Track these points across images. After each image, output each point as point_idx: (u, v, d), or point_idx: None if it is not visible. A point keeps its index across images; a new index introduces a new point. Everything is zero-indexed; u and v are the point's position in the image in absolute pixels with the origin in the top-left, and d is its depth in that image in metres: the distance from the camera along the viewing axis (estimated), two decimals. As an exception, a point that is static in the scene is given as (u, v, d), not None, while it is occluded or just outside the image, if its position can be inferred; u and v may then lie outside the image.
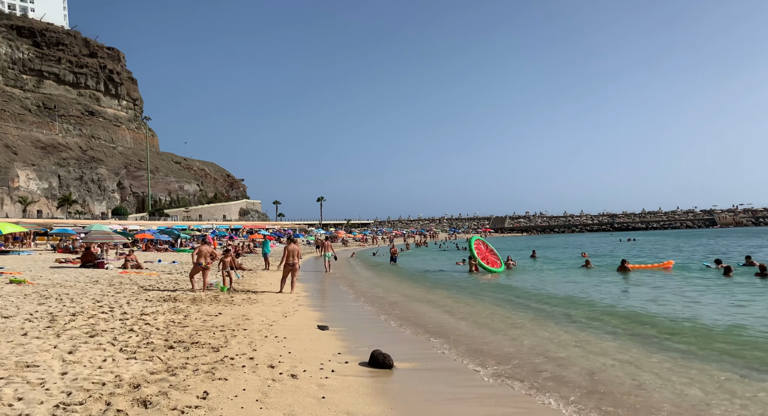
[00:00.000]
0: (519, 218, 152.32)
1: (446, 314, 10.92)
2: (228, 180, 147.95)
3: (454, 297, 14.02)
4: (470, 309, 11.53)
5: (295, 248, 14.52)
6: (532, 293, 14.47)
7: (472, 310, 11.41)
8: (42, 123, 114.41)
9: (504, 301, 13.01)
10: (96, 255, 22.08)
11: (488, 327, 9.18)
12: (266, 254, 24.08)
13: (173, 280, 16.38)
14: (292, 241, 15.56)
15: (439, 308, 11.89)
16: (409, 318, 10.27)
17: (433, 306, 12.13)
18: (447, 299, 13.72)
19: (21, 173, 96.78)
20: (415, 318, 10.28)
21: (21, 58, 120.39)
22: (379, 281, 19.95)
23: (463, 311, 11.29)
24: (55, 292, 11.68)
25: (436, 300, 13.39)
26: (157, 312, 9.45)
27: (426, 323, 9.70)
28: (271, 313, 10.13)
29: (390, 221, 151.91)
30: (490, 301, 13.02)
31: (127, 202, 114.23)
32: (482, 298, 13.72)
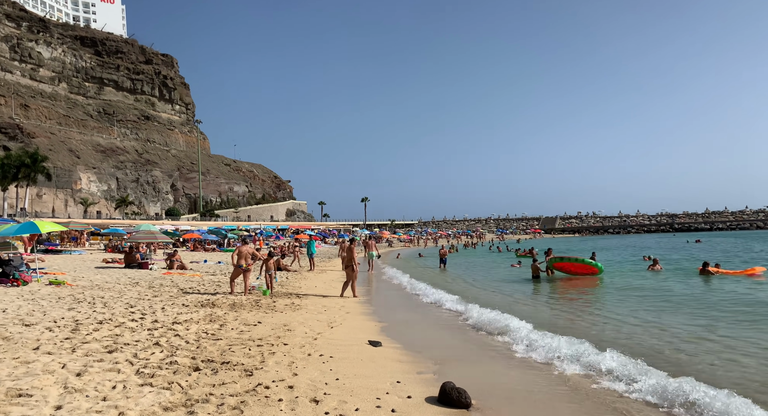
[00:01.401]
0: (570, 219, 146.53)
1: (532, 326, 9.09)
2: (275, 181, 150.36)
3: (531, 304, 12.30)
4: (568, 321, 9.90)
5: (353, 250, 13.33)
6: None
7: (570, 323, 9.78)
8: (102, 128, 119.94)
9: (587, 303, 11.36)
10: (143, 255, 21.89)
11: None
12: (312, 254, 23.26)
13: (215, 282, 15.66)
14: (352, 241, 14.27)
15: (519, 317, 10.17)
16: (473, 335, 8.87)
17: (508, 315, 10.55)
18: (523, 305, 12.12)
19: (83, 175, 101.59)
20: (486, 333, 8.86)
21: (84, 67, 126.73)
22: (432, 284, 18.58)
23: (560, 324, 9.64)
24: (90, 295, 11.05)
25: (518, 308, 11.70)
26: (190, 320, 8.51)
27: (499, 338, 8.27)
28: (315, 322, 9.01)
29: (434, 221, 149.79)
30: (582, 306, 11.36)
31: (179, 203, 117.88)
32: (569, 305, 12.02)
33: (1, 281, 11.53)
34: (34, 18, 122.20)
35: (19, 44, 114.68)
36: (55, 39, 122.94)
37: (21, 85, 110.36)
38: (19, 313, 8.24)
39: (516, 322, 8.67)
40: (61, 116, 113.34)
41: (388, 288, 16.84)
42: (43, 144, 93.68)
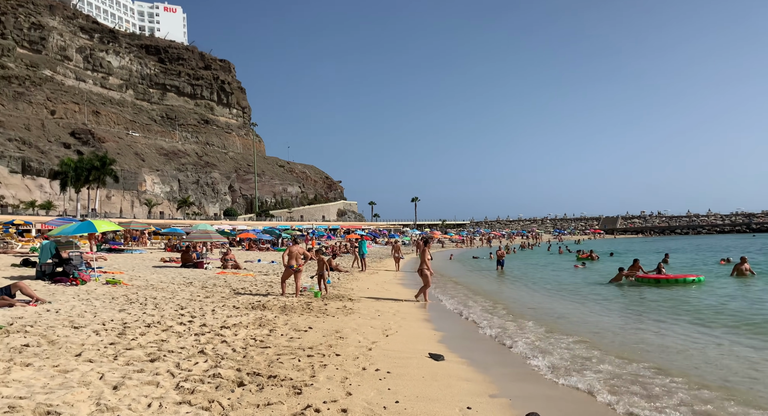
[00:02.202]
0: (633, 219, 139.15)
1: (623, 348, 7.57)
2: (327, 182, 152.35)
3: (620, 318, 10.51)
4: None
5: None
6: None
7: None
8: (165, 132, 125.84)
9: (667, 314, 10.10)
10: (200, 255, 22.18)
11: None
12: (363, 254, 22.77)
13: (267, 282, 15.43)
14: (426, 242, 13.22)
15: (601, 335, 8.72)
16: (552, 347, 7.93)
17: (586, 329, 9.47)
18: (597, 315, 11.05)
19: (147, 177, 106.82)
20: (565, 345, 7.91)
21: (149, 74, 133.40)
22: (492, 288, 17.60)
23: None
24: (143, 295, 10.97)
25: (591, 320, 10.38)
26: (239, 324, 8.10)
27: (585, 354, 7.32)
28: (369, 329, 8.38)
29: (487, 221, 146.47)
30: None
31: (237, 204, 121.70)
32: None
33: (60, 280, 11.73)
34: (104, 29, 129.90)
35: (92, 55, 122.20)
36: (123, 48, 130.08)
37: (93, 93, 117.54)
38: (71, 314, 8.12)
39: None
40: (128, 121, 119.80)
41: (444, 295, 16.01)
42: (111, 148, 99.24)
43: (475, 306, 12.30)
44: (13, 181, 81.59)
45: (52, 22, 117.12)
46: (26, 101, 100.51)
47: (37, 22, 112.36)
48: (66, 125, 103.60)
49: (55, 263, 12.19)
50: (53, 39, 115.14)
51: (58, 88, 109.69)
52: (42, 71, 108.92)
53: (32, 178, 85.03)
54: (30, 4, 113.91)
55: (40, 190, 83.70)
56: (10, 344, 5.85)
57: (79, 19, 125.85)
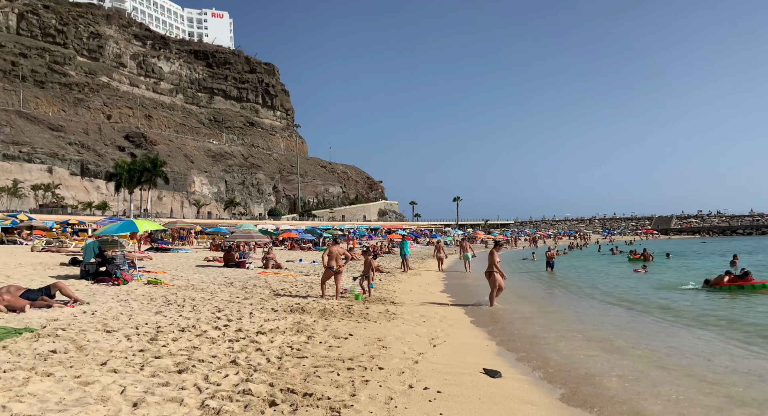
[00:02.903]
0: (689, 218, 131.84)
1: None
2: (368, 182, 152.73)
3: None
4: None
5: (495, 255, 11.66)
6: None
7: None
8: (212, 134, 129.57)
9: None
10: (242, 254, 22.17)
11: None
12: (405, 255, 22.07)
13: (308, 283, 15.04)
14: (496, 245, 12.35)
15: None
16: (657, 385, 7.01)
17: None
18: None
19: (196, 179, 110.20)
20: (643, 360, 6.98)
21: (197, 79, 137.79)
22: (543, 291, 16.58)
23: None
24: (182, 296, 10.74)
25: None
26: (276, 329, 7.62)
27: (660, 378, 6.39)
28: (414, 337, 7.72)
29: (532, 221, 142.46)
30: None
31: (280, 204, 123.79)
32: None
33: (103, 280, 11.71)
34: (156, 36, 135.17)
35: (144, 61, 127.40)
36: (173, 54, 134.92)
37: (145, 97, 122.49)
38: (107, 317, 7.88)
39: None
40: (178, 124, 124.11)
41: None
42: (162, 151, 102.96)
43: (529, 311, 11.39)
44: (73, 182, 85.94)
45: (109, 31, 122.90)
46: (85, 107, 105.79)
47: (95, 32, 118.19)
48: (121, 129, 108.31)
49: (99, 263, 12.23)
50: (110, 47, 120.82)
51: (114, 93, 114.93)
52: (99, 78, 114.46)
53: (90, 180, 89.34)
54: (89, 14, 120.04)
55: (97, 191, 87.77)
56: (37, 349, 5.56)
57: (133, 27, 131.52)
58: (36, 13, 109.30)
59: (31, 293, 8.30)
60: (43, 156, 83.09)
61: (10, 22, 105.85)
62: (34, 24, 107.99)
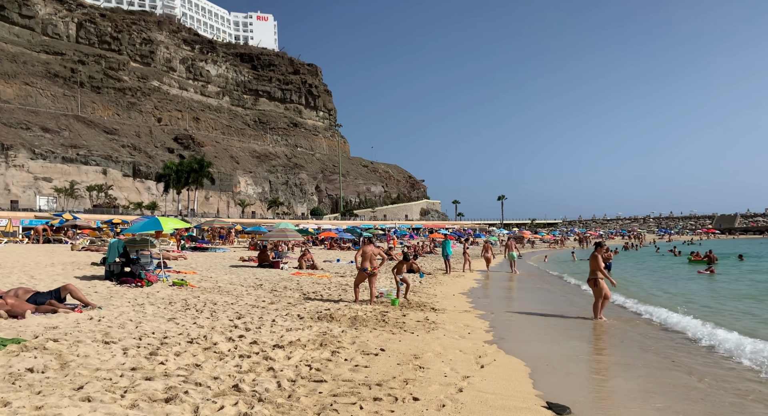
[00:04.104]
0: (755, 217, 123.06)
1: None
2: (409, 181, 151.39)
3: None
4: None
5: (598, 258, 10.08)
6: None
7: None
8: (257, 136, 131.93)
9: None
10: (279, 254, 21.55)
11: None
12: (447, 255, 20.76)
13: (342, 285, 14.08)
14: (598, 245, 10.55)
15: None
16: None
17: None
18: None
19: (241, 179, 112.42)
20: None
21: (243, 81, 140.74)
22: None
23: None
24: (204, 300, 9.97)
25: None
26: (297, 342, 6.63)
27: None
28: (457, 354, 6.55)
29: (582, 220, 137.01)
30: None
31: (323, 203, 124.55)
32: None
33: (126, 281, 11.16)
34: (204, 40, 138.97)
35: (193, 65, 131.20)
36: (220, 57, 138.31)
37: (194, 100, 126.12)
38: (112, 324, 7.13)
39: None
40: (224, 126, 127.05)
41: (545, 304, 13.69)
42: (209, 152, 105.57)
43: (591, 321, 9.92)
44: (126, 184, 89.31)
45: (160, 37, 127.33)
46: (137, 110, 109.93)
47: (147, 38, 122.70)
48: (170, 131, 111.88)
49: (123, 263, 11.72)
50: (161, 52, 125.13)
51: (164, 97, 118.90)
52: (151, 82, 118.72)
53: (141, 181, 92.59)
54: (142, 21, 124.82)
55: (148, 192, 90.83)
56: (12, 367, 4.78)
57: (182, 32, 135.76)
58: (93, 21, 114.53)
59: (39, 297, 7.71)
60: (98, 158, 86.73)
61: (71, 31, 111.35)
62: (91, 32, 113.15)
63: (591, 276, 9.98)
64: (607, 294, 9.89)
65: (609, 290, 9.97)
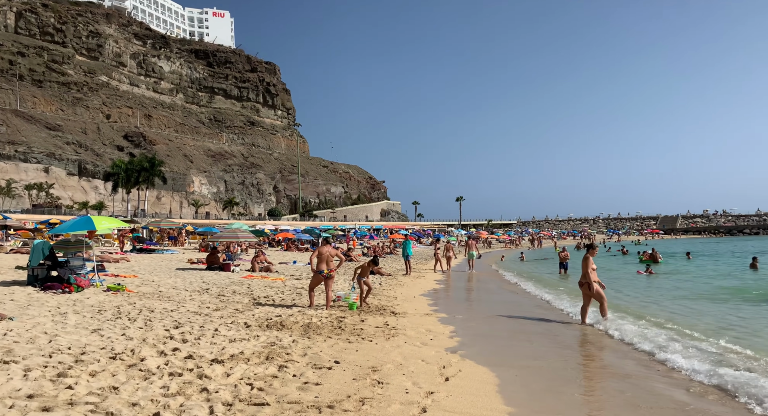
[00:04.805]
0: (695, 218, 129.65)
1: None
2: (370, 182, 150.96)
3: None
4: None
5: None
6: None
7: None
8: (212, 134, 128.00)
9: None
10: (232, 256, 20.48)
11: None
12: (408, 256, 20.27)
13: (297, 289, 13.30)
14: (590, 248, 9.99)
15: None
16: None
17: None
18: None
19: (195, 179, 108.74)
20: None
21: (198, 78, 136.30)
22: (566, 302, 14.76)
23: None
24: (140, 307, 8.98)
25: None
26: (239, 355, 5.86)
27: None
28: (420, 365, 5.95)
29: (535, 221, 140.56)
30: None
31: (281, 204, 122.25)
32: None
33: (52, 287, 9.98)
34: (156, 35, 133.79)
35: (145, 60, 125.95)
36: (174, 53, 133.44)
37: (145, 97, 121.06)
38: (20, 338, 6.13)
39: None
40: (178, 124, 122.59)
41: (512, 301, 13.37)
42: (162, 150, 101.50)
43: (553, 327, 9.58)
44: (70, 182, 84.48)
45: (109, 30, 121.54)
46: (84, 106, 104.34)
47: (94, 31, 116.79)
48: (120, 129, 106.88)
49: (49, 267, 10.52)
50: (109, 46, 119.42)
51: (113, 93, 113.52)
52: (99, 77, 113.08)
53: (88, 180, 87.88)
54: (88, 13, 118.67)
55: (95, 191, 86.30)
56: None
57: (133, 26, 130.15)
58: (35, 11, 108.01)
59: (-66, 307, 6.58)
60: (40, 156, 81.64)
61: (9, 21, 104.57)
62: (32, 23, 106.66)
63: (583, 279, 9.55)
64: (601, 298, 9.37)
65: (602, 293, 9.45)
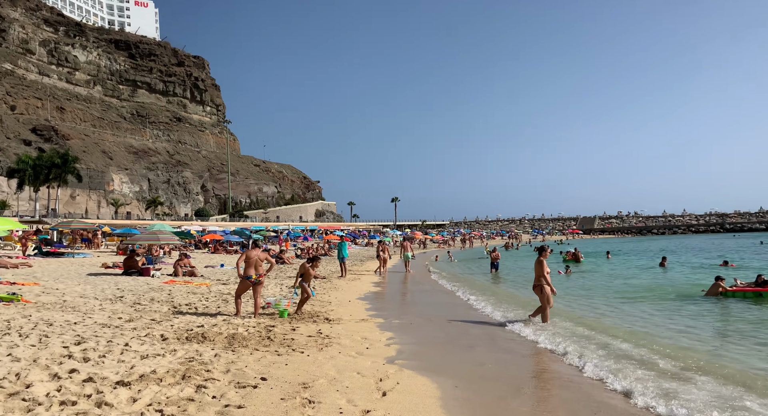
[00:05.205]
0: (610, 219, 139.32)
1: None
2: (304, 182, 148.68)
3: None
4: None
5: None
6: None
7: None
8: (135, 130, 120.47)
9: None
10: (153, 259, 19.02)
11: None
12: (343, 258, 19.77)
13: (224, 295, 12.44)
14: (542, 251, 9.91)
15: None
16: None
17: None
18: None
19: (115, 177, 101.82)
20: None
21: (118, 70, 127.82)
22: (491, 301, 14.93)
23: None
24: (36, 320, 7.88)
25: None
26: (150, 375, 5.14)
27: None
28: (355, 378, 5.53)
29: (467, 221, 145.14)
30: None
31: (210, 204, 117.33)
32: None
33: (-74, 299, 8.57)
34: (70, 23, 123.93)
35: (57, 48, 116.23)
36: (91, 43, 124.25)
37: (57, 88, 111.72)
38: None
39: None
40: (96, 118, 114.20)
41: (448, 303, 13.27)
42: (77, 146, 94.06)
43: (493, 327, 9.51)
44: (-33, 179, 76.14)
45: (13, 14, 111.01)
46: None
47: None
48: (27, 121, 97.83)
49: (-76, 276, 9.04)
50: (14, 31, 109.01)
51: (19, 82, 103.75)
52: (2, 65, 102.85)
53: (-13, 176, 79.61)
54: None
55: (-4, 189, 78.31)
56: None
57: (42, 11, 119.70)
58: None
59: None
60: (-70, 149, 72.98)
61: None
62: None
63: (536, 282, 9.52)
64: (549, 302, 9.41)
65: (551, 298, 9.51)
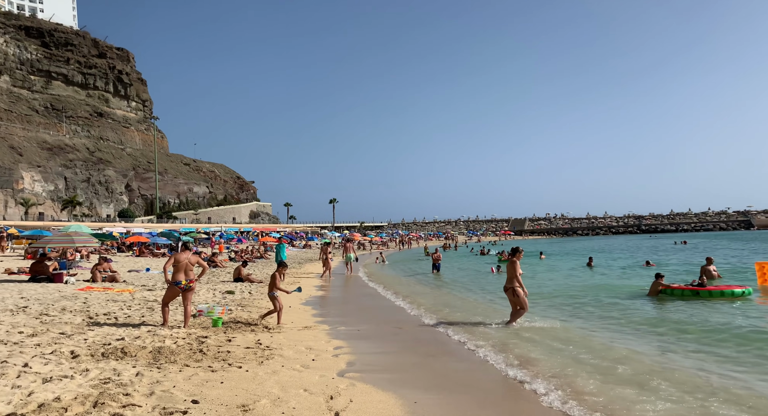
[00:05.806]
0: (539, 220, 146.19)
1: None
2: (238, 182, 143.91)
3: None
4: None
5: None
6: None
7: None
8: (49, 124, 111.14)
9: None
10: (67, 264, 17.17)
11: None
12: (282, 261, 18.82)
13: (149, 302, 11.29)
14: (515, 253, 9.66)
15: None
16: None
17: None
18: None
19: (26, 174, 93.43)
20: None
21: (29, 59, 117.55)
22: (438, 301, 14.71)
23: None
24: None
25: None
26: (55, 401, 4.26)
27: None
28: (301, 396, 4.91)
29: (404, 223, 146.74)
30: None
31: (135, 204, 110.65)
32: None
33: None
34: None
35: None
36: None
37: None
38: None
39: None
40: (2, 110, 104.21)
41: (395, 307, 12.84)
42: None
43: (443, 336, 9.17)
44: None
45: None
46: None
47: None
48: None
49: None
50: None
51: None
52: None
53: None
54: None
55: None
56: None
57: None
58: None
59: None
60: None
61: None
62: None
63: (508, 284, 9.26)
64: (524, 305, 9.19)
65: (526, 301, 9.29)
